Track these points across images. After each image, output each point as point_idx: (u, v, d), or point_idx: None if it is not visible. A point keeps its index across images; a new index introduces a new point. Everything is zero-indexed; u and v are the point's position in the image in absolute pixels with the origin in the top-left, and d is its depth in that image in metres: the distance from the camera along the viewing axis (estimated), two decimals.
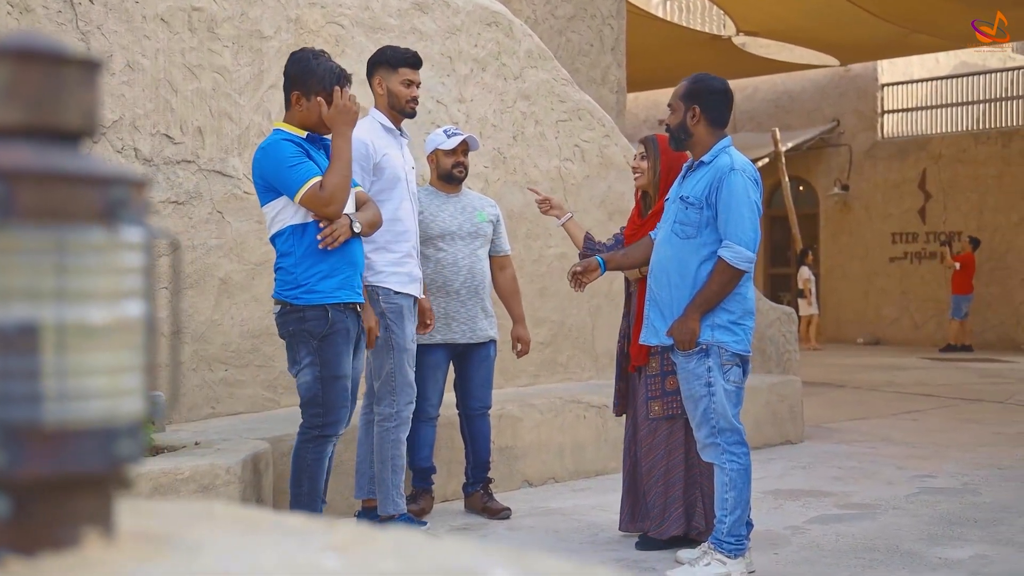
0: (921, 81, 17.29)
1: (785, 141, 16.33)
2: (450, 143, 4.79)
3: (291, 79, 3.92)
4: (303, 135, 3.91)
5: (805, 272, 15.97)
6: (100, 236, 0.87)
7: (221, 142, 5.01)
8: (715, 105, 4.00)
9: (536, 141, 6.41)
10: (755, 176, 3.97)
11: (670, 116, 4.06)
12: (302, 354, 3.85)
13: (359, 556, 0.90)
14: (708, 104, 3.98)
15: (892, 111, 17.36)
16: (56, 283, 0.84)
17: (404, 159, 4.50)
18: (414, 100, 4.52)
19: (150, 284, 0.92)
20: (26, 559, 0.84)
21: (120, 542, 0.90)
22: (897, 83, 17.35)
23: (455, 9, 6.04)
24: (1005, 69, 17.07)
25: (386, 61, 4.52)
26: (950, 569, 3.99)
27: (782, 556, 4.19)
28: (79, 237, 0.85)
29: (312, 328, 3.81)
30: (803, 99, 17.86)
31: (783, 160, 16.08)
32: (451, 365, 4.94)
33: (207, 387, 4.97)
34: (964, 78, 17.14)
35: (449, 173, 4.84)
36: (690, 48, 14.73)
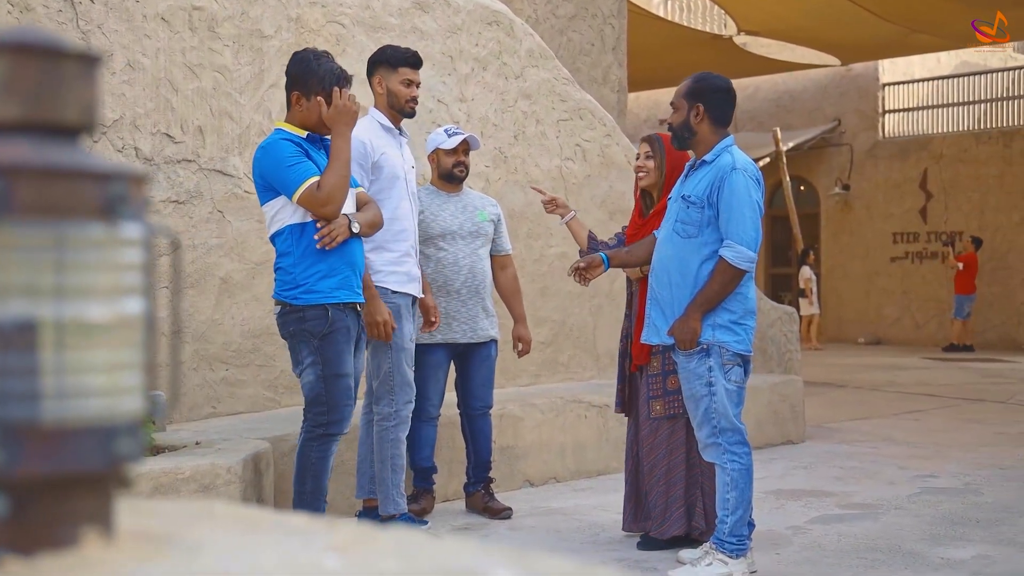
0: (922, 81, 17.29)
1: (786, 141, 16.33)
2: (451, 142, 4.78)
3: (292, 79, 3.93)
4: (303, 135, 3.91)
5: (806, 272, 15.97)
6: (99, 232, 0.86)
7: (222, 141, 5.00)
8: (719, 104, 4.00)
9: (537, 140, 6.41)
10: (757, 175, 3.96)
11: (673, 115, 4.05)
12: (304, 354, 3.85)
13: (360, 556, 0.89)
14: (712, 102, 3.98)
15: (893, 111, 17.35)
16: (55, 279, 0.83)
17: (403, 158, 4.49)
18: (414, 100, 4.51)
19: (150, 281, 0.91)
20: (25, 559, 0.83)
21: (120, 542, 0.89)
22: (898, 83, 17.35)
23: (456, 8, 6.03)
24: (1006, 69, 17.07)
25: (386, 60, 4.51)
26: (952, 569, 3.98)
27: (784, 556, 4.18)
28: (78, 233, 0.84)
29: (312, 328, 3.81)
30: (804, 99, 17.86)
31: (784, 160, 16.07)
32: (452, 365, 4.93)
33: (208, 387, 4.96)
34: (965, 78, 17.13)
35: (450, 172, 4.84)
36: (691, 48, 14.73)
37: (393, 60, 4.50)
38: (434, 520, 4.77)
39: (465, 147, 4.85)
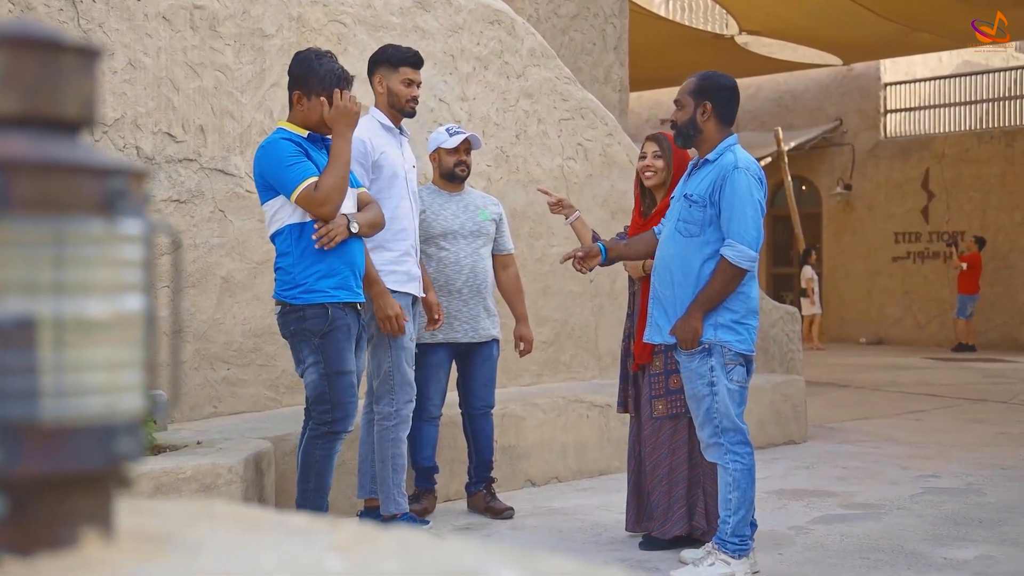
0: (924, 80, 17.28)
1: (788, 140, 16.32)
2: (452, 142, 4.78)
3: (293, 78, 3.94)
4: (304, 134, 3.91)
5: (808, 271, 15.95)
6: (98, 228, 0.85)
7: (223, 141, 5.00)
8: (725, 102, 3.99)
9: (539, 140, 6.40)
10: (759, 175, 3.95)
11: (678, 113, 4.03)
12: (305, 353, 3.86)
13: (361, 557, 0.88)
14: (719, 100, 3.97)
15: (895, 110, 17.34)
16: (53, 276, 0.82)
17: (404, 158, 4.48)
18: (414, 100, 4.51)
19: (150, 278, 0.90)
20: (23, 559, 0.82)
21: (119, 542, 0.88)
22: (900, 82, 17.34)
23: (457, 7, 6.02)
24: (1008, 68, 17.06)
25: (387, 60, 4.51)
26: (955, 569, 3.97)
27: (786, 556, 4.17)
28: (77, 229, 0.83)
29: (312, 326, 3.81)
30: (806, 98, 17.85)
31: (786, 159, 16.06)
32: (454, 364, 4.92)
33: (209, 386, 4.95)
34: (967, 77, 17.12)
35: (451, 172, 4.83)
36: (693, 47, 14.72)
37: (394, 59, 4.49)
38: (436, 520, 4.77)
39: (467, 146, 4.84)
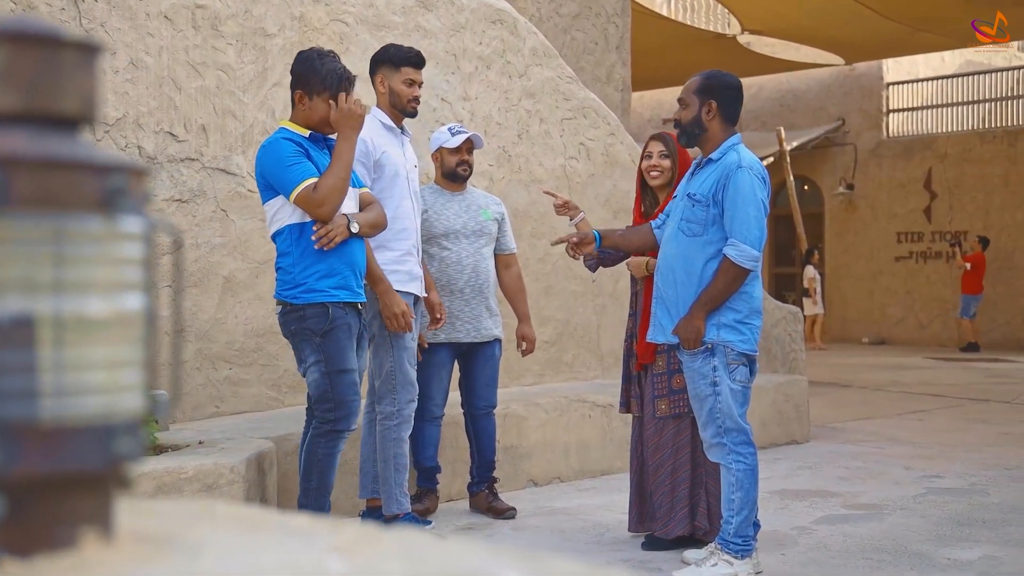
0: (926, 80, 17.26)
1: (790, 140, 16.31)
2: (454, 141, 4.77)
3: (296, 78, 3.94)
4: (306, 134, 3.91)
5: (810, 271, 15.94)
6: (98, 225, 0.84)
7: (225, 140, 4.99)
8: (730, 101, 3.98)
9: (541, 139, 6.39)
10: (763, 174, 3.94)
11: (682, 111, 4.02)
12: (307, 352, 3.85)
13: (363, 558, 0.87)
14: (724, 99, 3.96)
15: (897, 110, 17.32)
16: (53, 274, 0.82)
17: (405, 157, 4.48)
18: (416, 100, 4.50)
19: (150, 276, 0.89)
20: (22, 560, 0.81)
21: (119, 542, 0.87)
22: (902, 82, 17.32)
23: (459, 7, 6.01)
24: (1011, 68, 17.04)
25: (389, 60, 4.50)
26: (959, 570, 3.96)
27: (789, 556, 4.16)
28: (77, 226, 0.83)
29: (313, 326, 3.81)
30: (808, 98, 17.83)
31: (788, 159, 16.05)
32: (456, 364, 4.92)
33: (211, 386, 4.95)
34: (970, 77, 17.10)
35: (453, 171, 4.82)
36: (695, 47, 14.71)
37: (396, 59, 4.48)
38: (438, 520, 4.76)
39: (469, 146, 4.83)
